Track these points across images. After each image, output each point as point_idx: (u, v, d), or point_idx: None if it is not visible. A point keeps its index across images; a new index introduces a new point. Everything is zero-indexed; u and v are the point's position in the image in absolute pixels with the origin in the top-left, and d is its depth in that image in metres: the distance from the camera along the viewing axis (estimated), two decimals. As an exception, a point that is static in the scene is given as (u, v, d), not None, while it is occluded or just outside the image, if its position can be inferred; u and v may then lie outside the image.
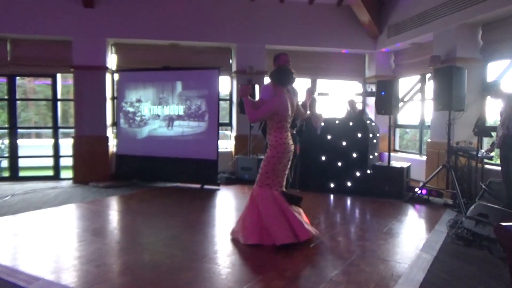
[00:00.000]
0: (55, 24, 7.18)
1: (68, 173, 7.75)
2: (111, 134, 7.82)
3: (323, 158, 6.60)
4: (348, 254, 3.66)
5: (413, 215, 5.33)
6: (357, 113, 7.20)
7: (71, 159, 7.50)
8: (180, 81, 7.18)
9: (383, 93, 6.38)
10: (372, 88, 8.25)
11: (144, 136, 7.37)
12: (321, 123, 5.21)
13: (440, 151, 6.21)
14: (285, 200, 3.88)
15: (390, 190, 6.19)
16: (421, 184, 6.18)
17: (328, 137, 6.59)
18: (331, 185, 6.59)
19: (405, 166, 6.35)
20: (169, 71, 7.34)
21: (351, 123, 6.52)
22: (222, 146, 8.05)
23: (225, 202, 5.96)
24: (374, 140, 6.71)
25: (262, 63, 7.90)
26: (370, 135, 6.47)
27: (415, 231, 4.55)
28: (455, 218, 4.76)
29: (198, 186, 6.98)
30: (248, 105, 3.90)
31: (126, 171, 7.41)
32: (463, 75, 5.54)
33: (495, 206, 4.25)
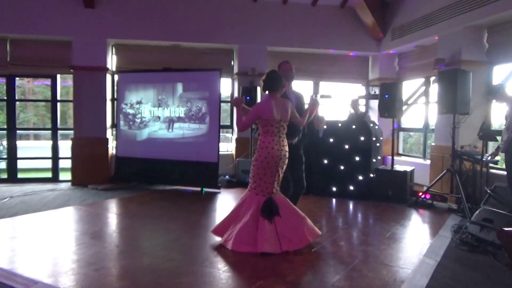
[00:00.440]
0: (55, 24, 7.22)
1: (67, 175, 7.76)
2: (111, 136, 7.84)
3: (325, 161, 6.61)
4: (350, 259, 3.66)
5: (416, 220, 5.32)
6: (359, 115, 7.21)
7: (70, 161, 7.52)
8: (181, 82, 7.20)
9: (386, 96, 6.39)
10: (375, 90, 8.25)
11: (144, 138, 7.39)
12: (324, 126, 5.21)
13: (445, 155, 6.21)
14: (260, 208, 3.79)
15: (393, 194, 6.19)
16: (425, 188, 6.18)
17: (331, 140, 6.60)
18: (333, 188, 6.59)
19: (409, 170, 6.35)
20: (170, 72, 7.36)
21: (354, 126, 6.53)
22: (223, 149, 8.06)
23: (226, 205, 5.96)
24: (377, 144, 6.72)
25: (264, 65, 7.91)
26: (373, 138, 6.47)
27: (418, 236, 4.54)
28: (460, 223, 4.76)
29: (199, 189, 6.99)
30: (238, 115, 3.99)
31: (125, 173, 7.42)
32: (468, 78, 5.56)
33: (500, 211, 4.24)
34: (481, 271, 3.41)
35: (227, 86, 8.31)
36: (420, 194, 6.02)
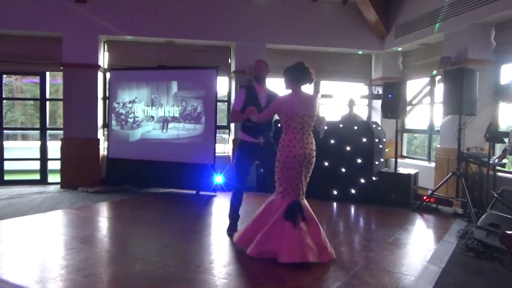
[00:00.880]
0: (45, 20, 7.21)
1: (56, 177, 7.74)
2: (102, 136, 7.83)
3: (326, 163, 6.62)
4: (352, 265, 3.66)
5: (420, 224, 5.34)
6: (351, 116, 7.22)
7: (59, 162, 7.50)
8: (175, 81, 7.20)
9: (390, 95, 6.41)
10: (378, 90, 8.28)
11: (137, 138, 7.39)
12: (324, 127, 5.22)
13: (450, 157, 6.23)
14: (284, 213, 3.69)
15: (396, 198, 6.20)
16: (429, 192, 6.19)
17: (332, 141, 6.61)
18: (334, 192, 6.61)
19: (413, 173, 6.37)
20: (164, 70, 7.37)
21: (355, 127, 6.55)
22: (219, 150, 8.06)
23: (222, 209, 5.96)
24: (380, 145, 6.74)
25: (262, 63, 7.91)
26: (376, 140, 6.49)
27: (422, 241, 4.56)
28: (465, 228, 4.78)
29: (194, 192, 6.99)
30: (258, 117, 4.00)
31: (117, 175, 7.41)
32: (474, 78, 5.58)
33: (508, 216, 4.25)
34: (487, 278, 3.43)
35: (224, 85, 8.32)
36: (425, 198, 6.03)
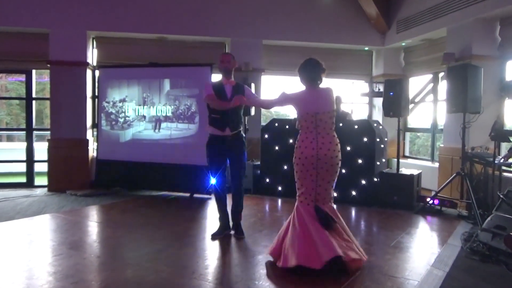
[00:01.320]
0: (30, 15, 7.19)
1: (43, 180, 7.73)
2: (91, 137, 7.82)
3: (325, 164, 6.62)
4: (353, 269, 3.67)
5: (424, 227, 5.36)
6: (342, 114, 7.18)
7: (46, 164, 7.48)
8: (168, 79, 7.20)
9: (391, 93, 6.43)
10: (379, 88, 8.31)
11: (128, 139, 7.38)
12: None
13: (454, 157, 6.26)
14: (315, 218, 3.61)
15: (398, 200, 6.22)
16: (433, 193, 6.21)
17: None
18: (334, 194, 6.57)
19: (416, 173, 6.39)
20: (156, 67, 7.35)
21: (356, 126, 6.57)
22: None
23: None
24: (382, 145, 6.76)
25: (259, 60, 7.93)
26: (377, 139, 6.51)
27: (426, 245, 4.57)
28: (470, 231, 4.80)
29: (187, 194, 6.99)
30: (255, 102, 4.40)
31: (107, 178, 7.40)
32: (479, 74, 5.60)
33: (514, 217, 4.28)
34: (493, 282, 3.44)
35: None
36: (428, 199, 6.06)
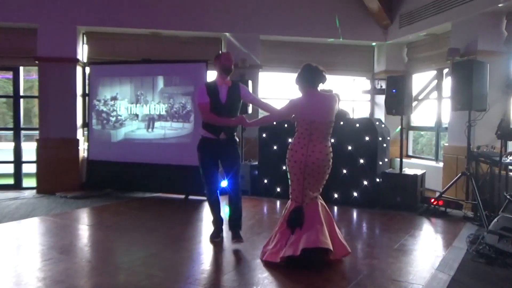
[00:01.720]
0: (18, 9, 7.16)
1: (32, 182, 7.70)
2: (82, 136, 7.80)
3: (326, 164, 6.62)
4: (354, 273, 3.68)
5: (428, 229, 5.37)
6: (340, 112, 7.10)
7: (35, 165, 7.47)
8: (162, 76, 7.18)
9: (394, 90, 6.44)
10: (381, 84, 8.31)
11: (120, 139, 7.36)
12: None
13: (459, 156, 6.27)
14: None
15: (402, 201, 6.23)
16: (437, 194, 6.23)
17: (332, 140, 6.60)
18: (335, 195, 6.62)
19: (419, 173, 6.40)
20: (149, 64, 7.34)
21: (357, 125, 6.57)
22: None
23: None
24: (384, 144, 6.77)
25: (256, 56, 7.93)
26: (380, 139, 6.52)
27: (430, 247, 4.59)
28: (476, 233, 4.81)
29: (182, 196, 6.98)
30: (264, 120, 4.71)
31: (98, 179, 7.39)
32: (485, 70, 5.61)
33: (521, 219, 4.29)
34: (500, 286, 3.46)
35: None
36: (432, 200, 6.07)
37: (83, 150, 7.76)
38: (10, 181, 7.86)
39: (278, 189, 6.94)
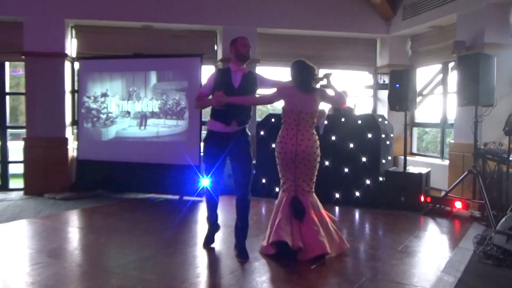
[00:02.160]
0: (2, 2, 7.12)
1: (19, 183, 7.70)
2: (71, 135, 7.78)
3: (326, 163, 6.64)
4: (357, 276, 3.70)
5: (433, 230, 5.39)
6: (347, 110, 7.05)
7: (22, 165, 7.45)
8: (154, 71, 7.18)
9: (397, 85, 6.45)
10: (384, 79, 8.32)
11: (111, 137, 7.36)
12: (325, 121, 5.25)
13: (465, 154, 6.28)
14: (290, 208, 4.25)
15: (406, 200, 6.25)
16: (443, 193, 6.25)
17: (333, 137, 6.64)
18: (337, 195, 6.64)
19: (424, 172, 6.42)
20: (141, 59, 7.33)
21: (359, 121, 6.58)
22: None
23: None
24: (387, 142, 6.78)
25: (253, 50, 7.82)
26: (383, 136, 6.53)
27: (435, 249, 4.61)
28: (483, 233, 4.83)
29: (177, 197, 6.99)
30: (245, 100, 4.28)
31: (88, 179, 7.38)
32: (492, 64, 5.63)
33: (530, 218, 4.31)
34: (508, 289, 3.47)
35: (209, 75, 8.29)
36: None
37: (72, 149, 7.74)
38: (-4, 182, 7.85)
39: (277, 189, 6.93)
